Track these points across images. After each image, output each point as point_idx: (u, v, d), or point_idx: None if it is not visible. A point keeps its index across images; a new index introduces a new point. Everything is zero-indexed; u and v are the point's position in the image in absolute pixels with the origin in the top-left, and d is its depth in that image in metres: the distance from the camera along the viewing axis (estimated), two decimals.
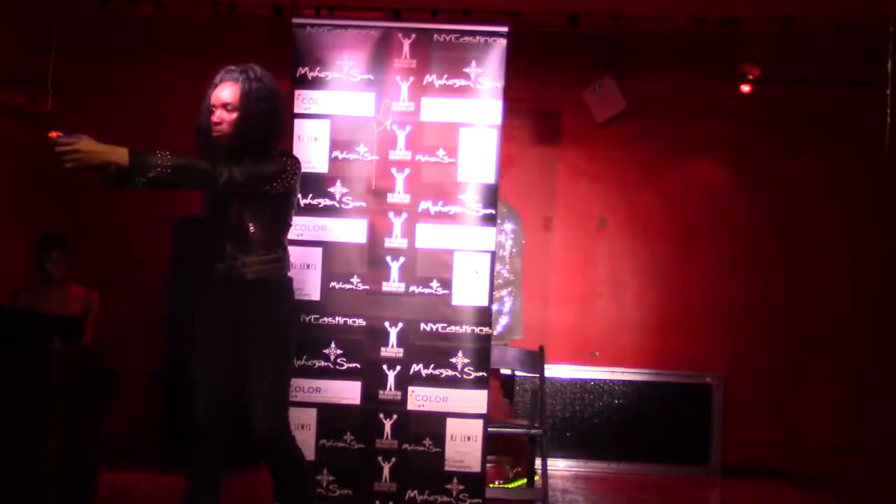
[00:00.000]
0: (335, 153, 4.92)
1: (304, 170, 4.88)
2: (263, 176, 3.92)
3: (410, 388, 4.84)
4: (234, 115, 3.98)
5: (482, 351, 4.87)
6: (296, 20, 5.06)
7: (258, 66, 4.15)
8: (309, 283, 4.88)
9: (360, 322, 4.85)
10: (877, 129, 5.78)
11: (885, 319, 7.13)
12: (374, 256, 4.88)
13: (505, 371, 5.97)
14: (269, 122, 4.02)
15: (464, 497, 4.81)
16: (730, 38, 7.00)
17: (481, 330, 4.88)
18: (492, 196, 4.92)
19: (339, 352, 4.84)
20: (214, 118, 4.00)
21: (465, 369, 4.85)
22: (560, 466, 6.93)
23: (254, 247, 3.96)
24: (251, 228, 3.95)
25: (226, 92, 4.00)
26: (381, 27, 5.01)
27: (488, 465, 5.00)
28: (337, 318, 4.86)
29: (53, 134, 3.72)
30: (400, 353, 4.84)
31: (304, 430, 4.75)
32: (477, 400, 4.84)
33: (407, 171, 4.88)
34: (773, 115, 7.28)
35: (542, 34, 6.99)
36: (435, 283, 4.87)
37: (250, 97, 3.99)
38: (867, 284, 7.20)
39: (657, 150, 7.38)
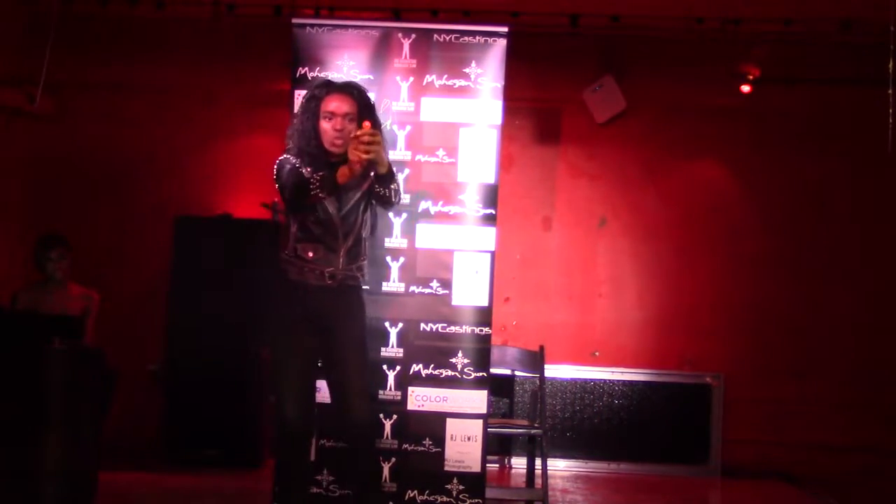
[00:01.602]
0: None
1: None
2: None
3: (410, 389, 4.83)
4: (354, 125, 4.09)
5: (482, 351, 4.87)
6: (295, 20, 5.05)
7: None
8: None
9: None
10: (877, 129, 5.78)
11: (885, 319, 7.13)
12: (373, 256, 4.87)
13: (505, 371, 5.96)
14: (382, 131, 4.20)
15: (464, 497, 4.81)
16: (730, 38, 7.00)
17: (481, 330, 4.88)
18: (492, 196, 4.91)
19: None
20: (337, 126, 4.10)
21: (465, 369, 4.85)
22: (560, 466, 6.93)
23: (362, 251, 4.25)
24: (364, 234, 4.23)
25: (343, 103, 4.13)
26: (381, 27, 5.00)
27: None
28: None
29: (367, 124, 3.88)
30: (400, 353, 4.83)
31: None
32: (477, 400, 4.84)
33: (407, 171, 4.88)
34: (773, 115, 7.28)
35: (542, 34, 6.99)
36: (435, 283, 4.86)
37: (366, 108, 4.17)
38: (867, 284, 7.21)
39: (657, 150, 7.38)
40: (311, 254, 4.12)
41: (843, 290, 7.21)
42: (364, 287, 4.41)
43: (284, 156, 4.18)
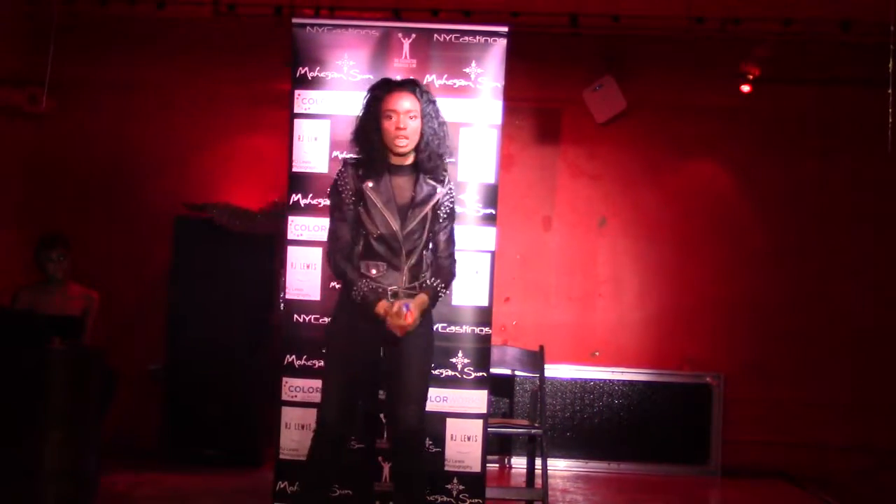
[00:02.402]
0: (335, 153, 4.91)
1: (303, 170, 4.92)
2: (454, 232, 4.26)
3: None
4: (417, 123, 4.09)
5: (482, 351, 4.88)
6: (296, 20, 5.05)
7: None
8: (309, 283, 4.88)
9: None
10: (877, 129, 5.78)
11: (885, 319, 7.13)
12: None
13: (505, 371, 5.97)
14: (447, 129, 4.19)
15: (464, 497, 4.82)
16: (730, 38, 7.00)
17: (481, 330, 4.88)
18: (492, 196, 4.92)
19: None
20: (399, 124, 4.06)
21: (465, 369, 4.85)
22: (560, 466, 6.92)
23: (423, 268, 4.16)
24: (426, 252, 4.17)
25: (404, 100, 4.08)
26: (381, 27, 5.01)
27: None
28: None
29: (412, 315, 4.03)
30: None
31: (306, 429, 4.74)
32: (477, 400, 4.85)
33: None
34: (773, 114, 7.27)
35: (542, 34, 6.99)
36: None
37: (430, 104, 4.14)
38: (868, 283, 7.20)
39: (657, 150, 7.38)
40: (374, 271, 4.09)
41: (844, 290, 7.20)
42: None
43: (339, 179, 4.15)
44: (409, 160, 4.14)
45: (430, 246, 4.19)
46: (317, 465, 4.15)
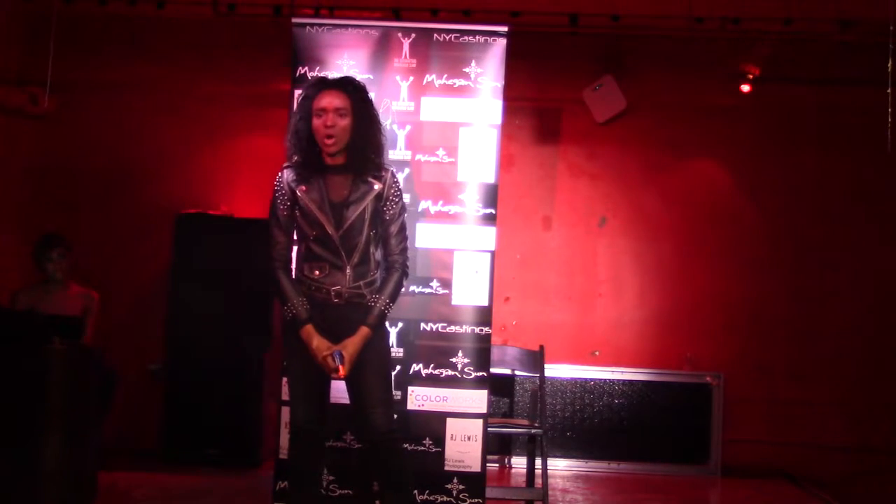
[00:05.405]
0: None
1: None
2: (404, 228, 4.15)
3: (410, 388, 4.84)
4: (347, 121, 4.04)
5: (482, 351, 4.88)
6: (295, 20, 5.06)
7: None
8: None
9: None
10: (876, 129, 5.78)
11: (885, 319, 7.13)
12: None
13: (505, 371, 5.97)
14: (380, 127, 4.14)
15: (464, 497, 4.82)
16: (730, 38, 7.00)
17: (481, 330, 4.88)
18: (492, 196, 4.92)
19: None
20: (327, 121, 4.01)
21: (465, 369, 4.85)
22: (560, 466, 6.92)
23: (370, 268, 4.10)
24: (372, 250, 4.10)
25: (334, 98, 4.03)
26: (381, 27, 5.01)
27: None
28: None
29: (342, 370, 4.02)
30: (400, 352, 4.84)
31: None
32: (477, 400, 4.85)
33: (407, 170, 4.89)
34: (773, 114, 7.28)
35: (542, 34, 6.99)
36: (435, 283, 4.87)
37: (362, 103, 4.09)
38: (868, 283, 7.20)
39: (657, 150, 7.38)
40: (317, 272, 4.06)
41: (844, 289, 7.21)
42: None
43: (277, 185, 4.12)
44: (342, 160, 4.07)
45: (380, 243, 4.12)
46: (297, 464, 4.16)
